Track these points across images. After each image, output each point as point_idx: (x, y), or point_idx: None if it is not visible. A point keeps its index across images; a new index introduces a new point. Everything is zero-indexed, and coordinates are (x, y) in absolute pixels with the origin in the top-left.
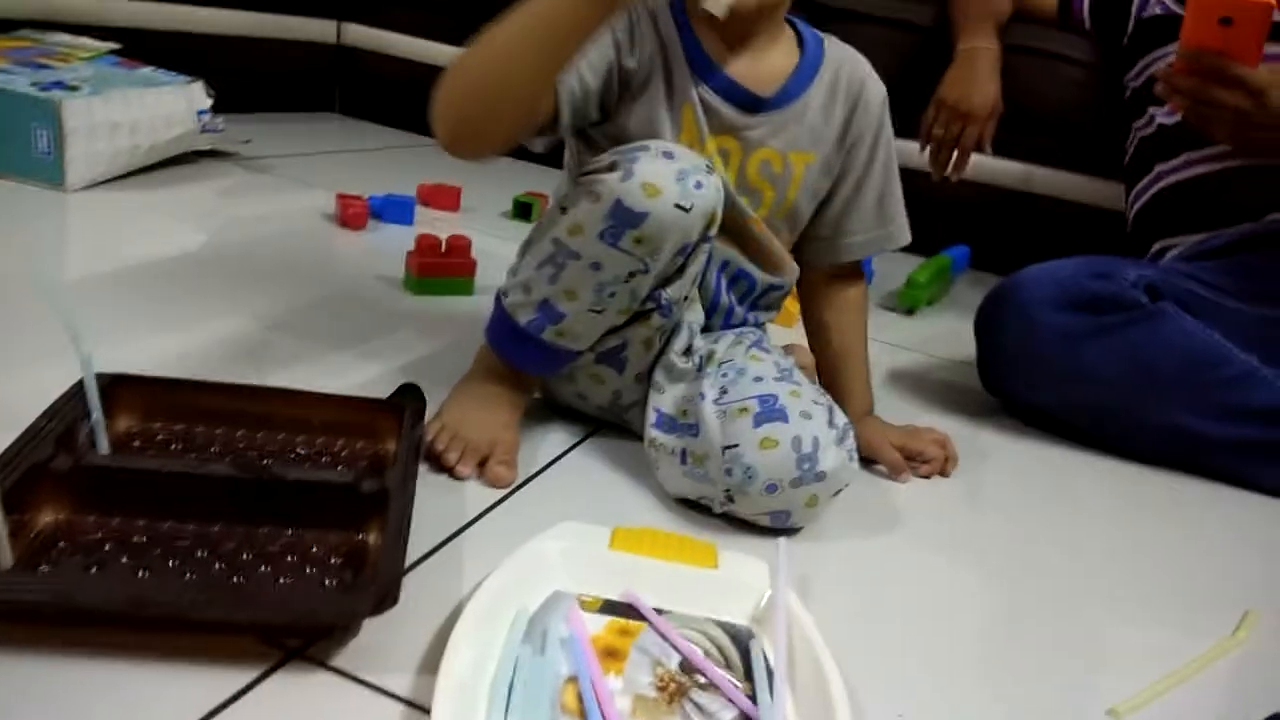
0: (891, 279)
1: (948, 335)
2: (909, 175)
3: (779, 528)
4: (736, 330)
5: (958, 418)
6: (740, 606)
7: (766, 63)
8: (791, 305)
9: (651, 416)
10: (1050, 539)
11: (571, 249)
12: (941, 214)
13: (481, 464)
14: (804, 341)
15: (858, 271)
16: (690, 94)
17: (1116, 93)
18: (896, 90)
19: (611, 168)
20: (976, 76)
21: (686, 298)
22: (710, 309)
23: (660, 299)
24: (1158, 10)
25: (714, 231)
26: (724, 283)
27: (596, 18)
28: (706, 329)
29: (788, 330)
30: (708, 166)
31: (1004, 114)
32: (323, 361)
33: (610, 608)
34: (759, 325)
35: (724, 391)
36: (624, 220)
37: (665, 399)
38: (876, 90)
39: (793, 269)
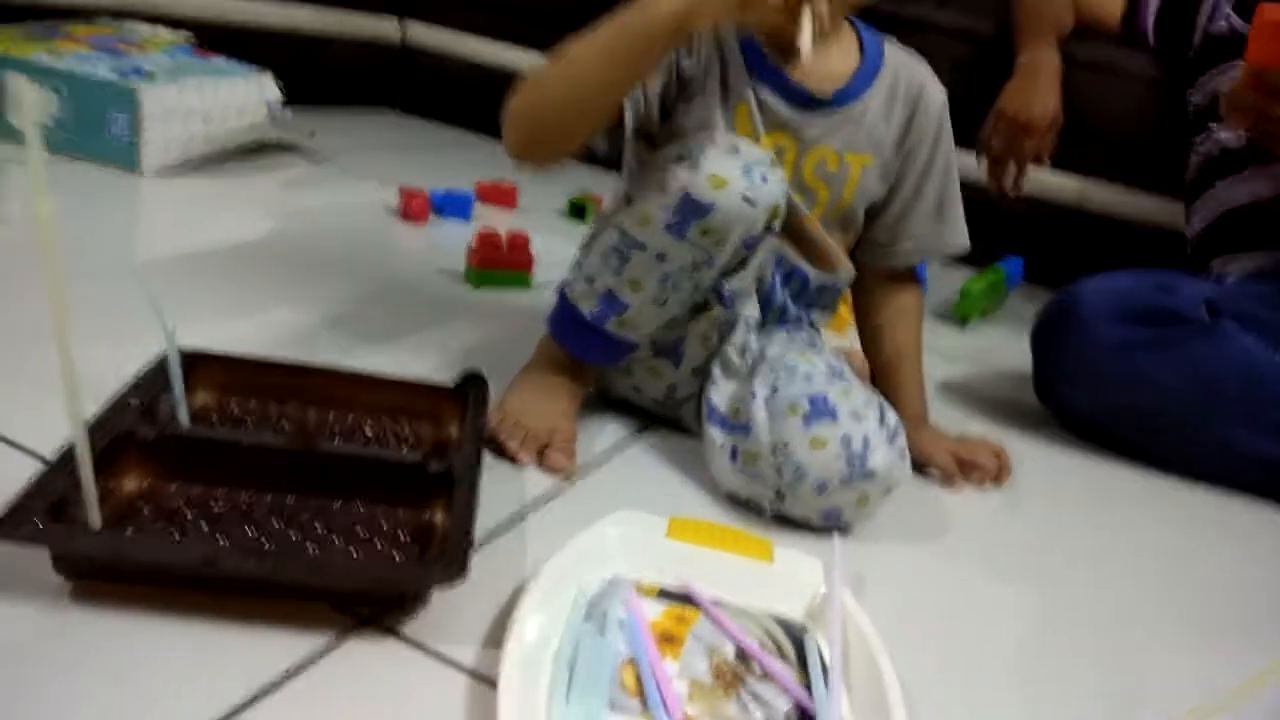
0: (945, 289)
1: (1001, 347)
2: (965, 186)
3: (831, 526)
4: (790, 330)
5: (1010, 429)
6: (794, 602)
7: (825, 63)
8: (845, 311)
9: (705, 410)
10: (1100, 554)
11: (638, 240)
12: (997, 226)
13: (541, 452)
14: (857, 346)
15: (914, 277)
16: (745, 92)
17: (1178, 109)
18: (956, 101)
19: (679, 159)
20: (1037, 89)
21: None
22: (765, 305)
23: (722, 290)
24: (1224, 25)
25: (778, 225)
26: (778, 280)
27: (672, 40)
28: (761, 326)
29: (839, 337)
30: (772, 160)
31: (1063, 127)
32: (385, 349)
33: (666, 595)
34: (812, 325)
35: (775, 390)
36: (691, 211)
37: (719, 394)
38: (936, 94)
39: (847, 269)
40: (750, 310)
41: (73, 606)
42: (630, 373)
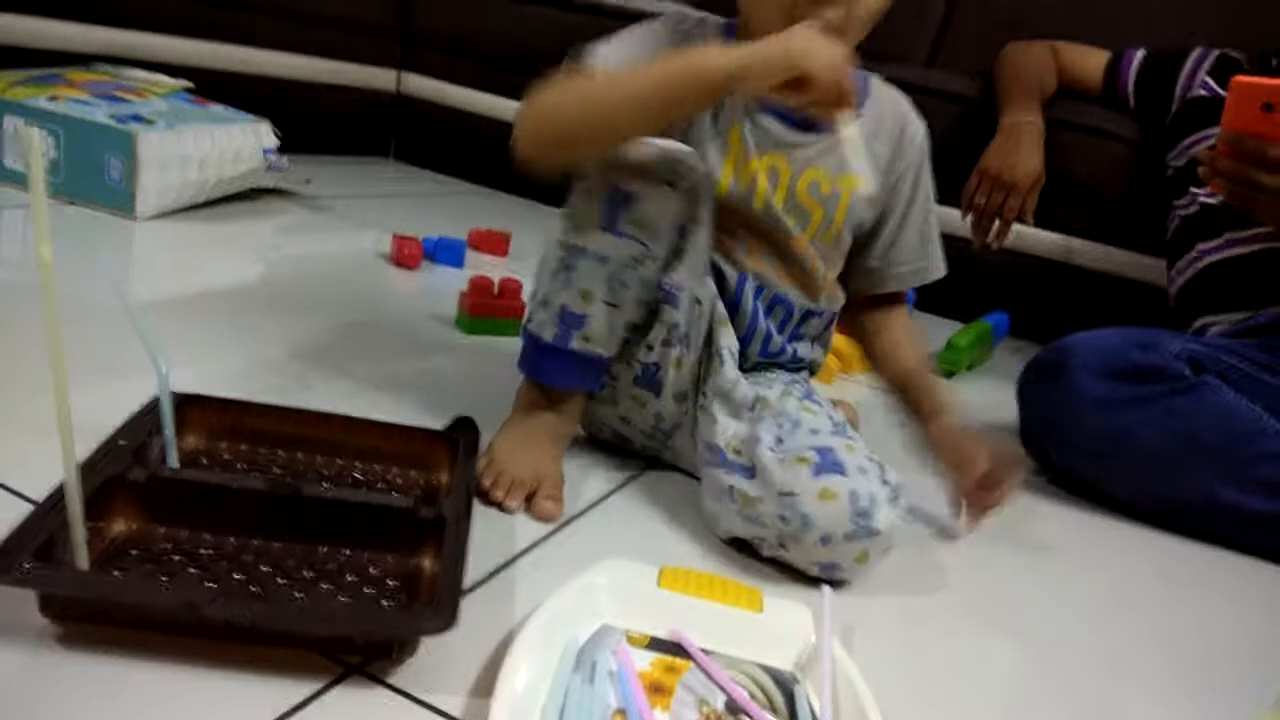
0: (931, 342)
1: (988, 400)
2: (951, 241)
3: (828, 578)
4: (784, 380)
5: None
6: (784, 652)
7: None
8: (831, 361)
9: (702, 448)
10: (1087, 606)
11: (579, 246)
12: (982, 281)
13: (528, 499)
14: (843, 396)
15: (900, 297)
16: (739, 113)
17: (1157, 170)
18: (940, 159)
19: (605, 161)
20: (1020, 148)
21: (707, 311)
22: (747, 336)
23: (665, 286)
24: (1202, 92)
25: (707, 212)
26: (760, 308)
27: (716, 95)
28: (744, 356)
29: (825, 386)
30: (691, 150)
31: (1045, 186)
32: (377, 394)
33: (657, 644)
34: (799, 360)
35: (780, 441)
36: (618, 204)
37: (721, 434)
38: (918, 127)
39: (832, 297)
40: (728, 340)
41: (60, 649)
42: (616, 402)
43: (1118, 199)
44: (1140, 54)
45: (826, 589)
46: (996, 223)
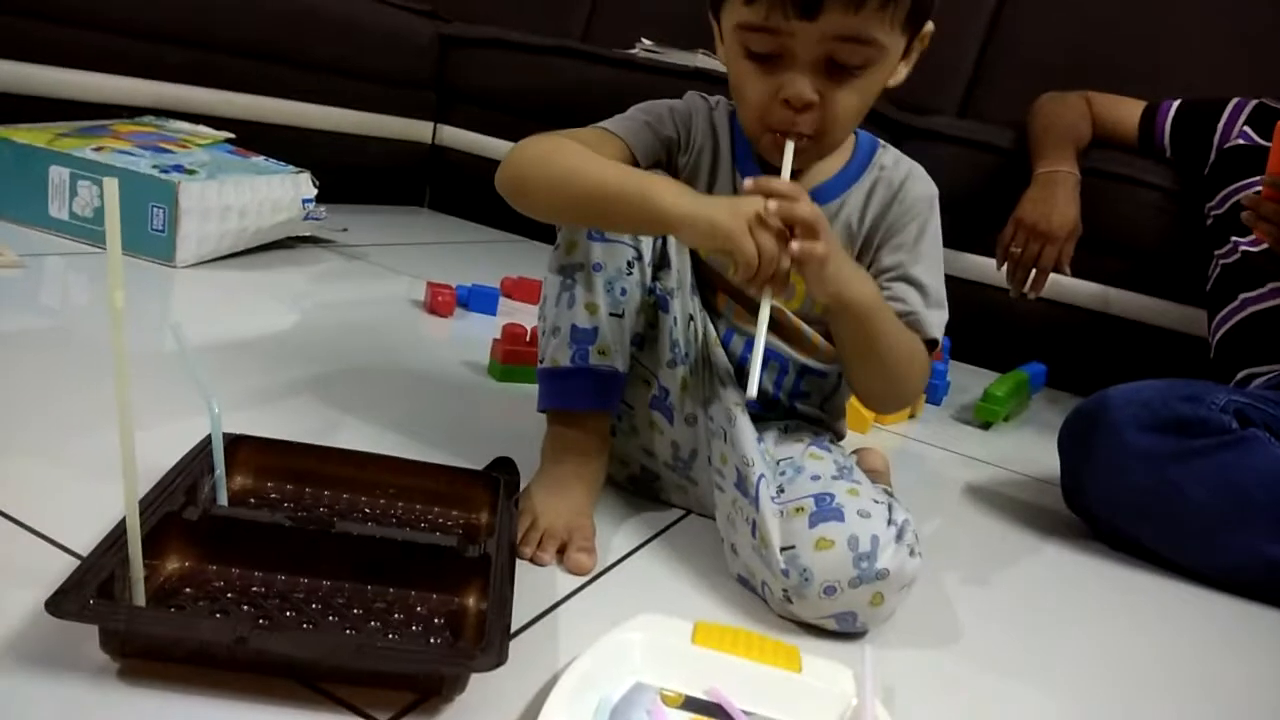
0: (968, 393)
1: (1026, 452)
2: (986, 291)
3: (848, 631)
4: (794, 429)
5: (1039, 536)
6: (825, 714)
7: (811, 165)
8: (864, 411)
9: (713, 471)
10: (1132, 670)
11: (573, 263)
12: (1018, 331)
13: (561, 551)
14: (876, 444)
15: None
16: (726, 185)
17: (1195, 219)
18: (973, 208)
19: None
20: (1055, 199)
21: (700, 329)
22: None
23: (659, 292)
24: (1241, 141)
25: None
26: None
27: (661, 231)
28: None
29: (861, 436)
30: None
31: (1082, 235)
32: (411, 439)
33: (692, 704)
34: (810, 420)
35: (781, 490)
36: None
37: (725, 455)
38: (920, 189)
39: (828, 350)
40: (724, 362)
41: (119, 685)
42: (636, 432)
43: (1155, 248)
44: (1176, 104)
45: (868, 649)
46: (1033, 272)
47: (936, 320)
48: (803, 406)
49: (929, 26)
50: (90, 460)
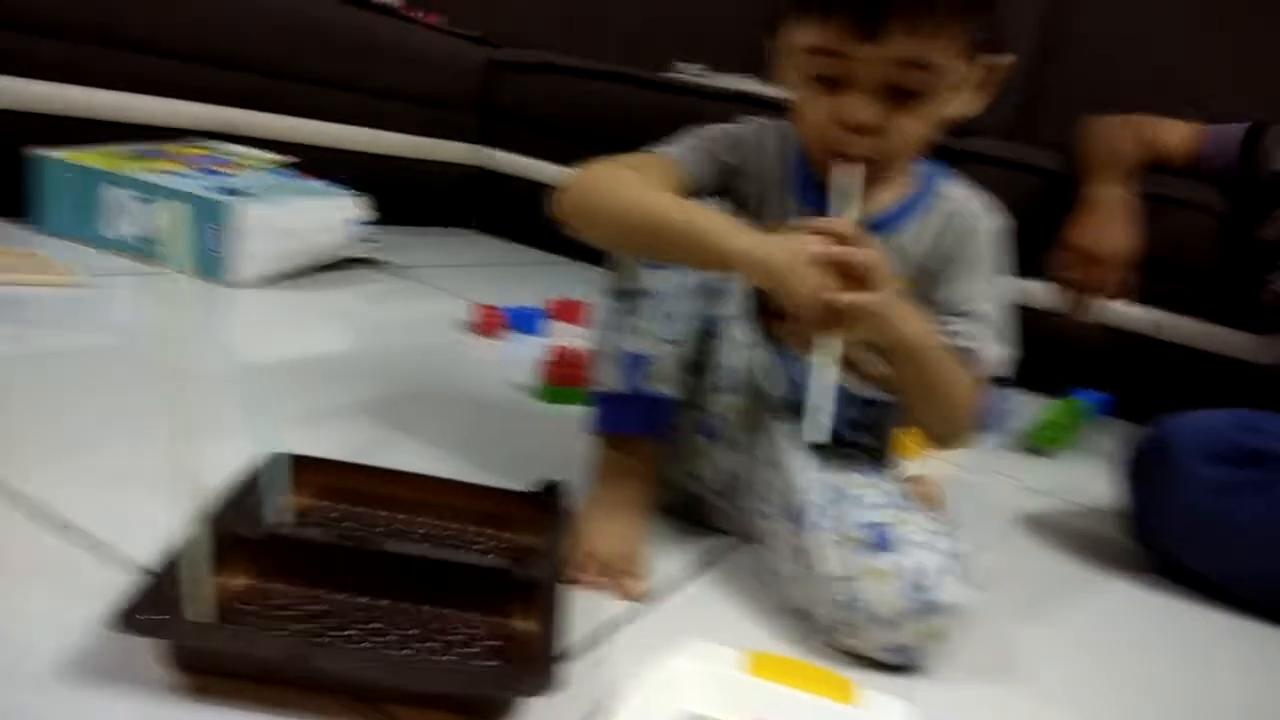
0: (1022, 419)
1: (1082, 480)
2: (1039, 316)
3: (902, 664)
4: (848, 457)
5: (1098, 568)
6: None
7: (871, 195)
8: (916, 437)
9: (758, 500)
10: (1191, 705)
11: (628, 289)
12: (1073, 357)
13: (610, 575)
14: (930, 473)
15: None
16: (784, 211)
17: (1248, 243)
18: (1024, 232)
19: None
20: (1106, 222)
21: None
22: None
23: (711, 319)
24: None
25: None
26: (814, 385)
27: (724, 269)
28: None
29: (914, 463)
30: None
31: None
32: (458, 460)
33: None
34: (863, 448)
35: (833, 520)
36: None
37: (772, 487)
38: (984, 222)
39: (892, 387)
40: (776, 390)
41: (179, 701)
42: (683, 456)
43: (1207, 272)
44: (1229, 127)
45: (923, 683)
46: (1090, 300)
47: (998, 356)
48: (856, 436)
49: (1007, 58)
50: (153, 476)
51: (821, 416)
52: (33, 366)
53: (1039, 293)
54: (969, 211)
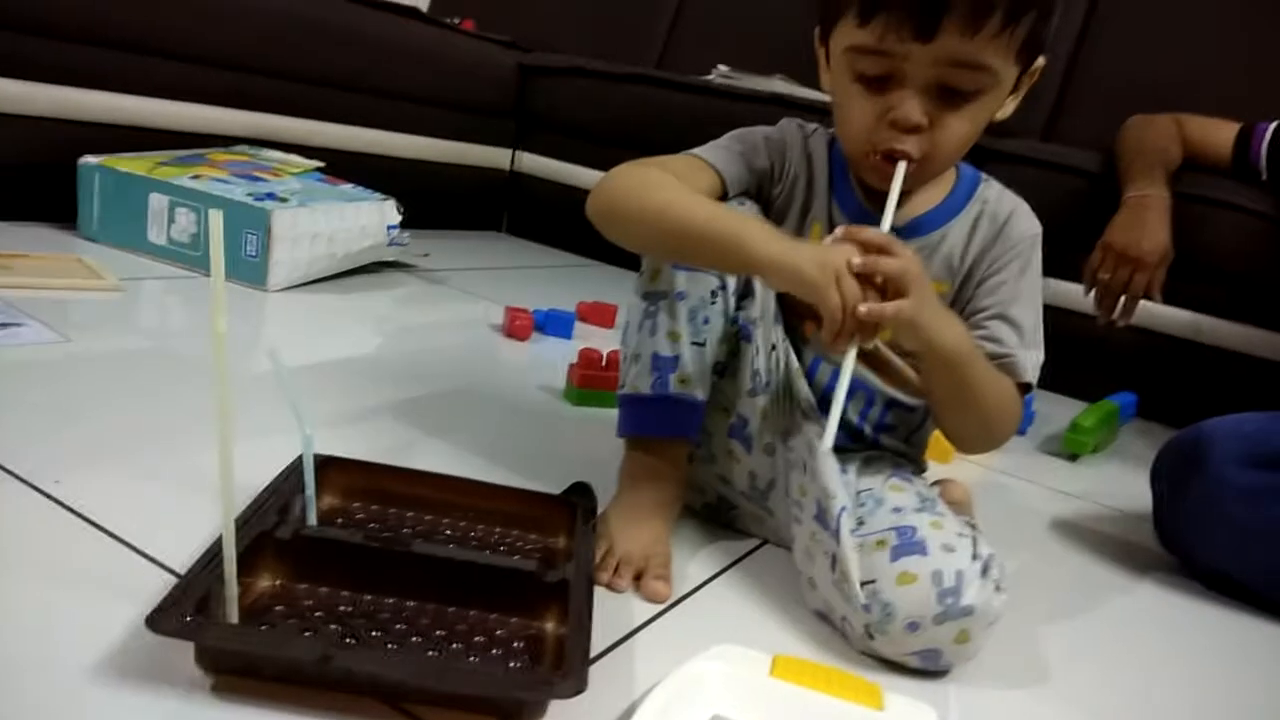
0: (1054, 423)
1: (1115, 485)
2: (1073, 318)
3: (931, 669)
4: (876, 460)
5: (1130, 573)
6: None
7: (913, 197)
8: (947, 441)
9: (790, 503)
10: (1224, 713)
11: (658, 291)
12: (1107, 360)
13: (637, 578)
14: (959, 476)
15: None
16: (821, 213)
17: None
18: (1059, 233)
19: None
20: (1146, 223)
21: (781, 358)
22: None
23: (741, 323)
24: None
25: None
26: (841, 392)
27: (751, 274)
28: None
29: (944, 466)
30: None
31: (1173, 261)
32: (487, 461)
33: None
34: (893, 453)
35: (861, 522)
36: None
37: (803, 489)
38: (1022, 227)
39: (921, 392)
40: (807, 393)
41: (211, 700)
42: (714, 460)
43: (1249, 275)
44: (1272, 125)
45: (952, 688)
46: (1122, 299)
47: (1032, 363)
48: (887, 440)
49: (1040, 61)
50: (186, 478)
51: (845, 409)
52: (76, 369)
53: (1074, 295)
54: (1007, 213)
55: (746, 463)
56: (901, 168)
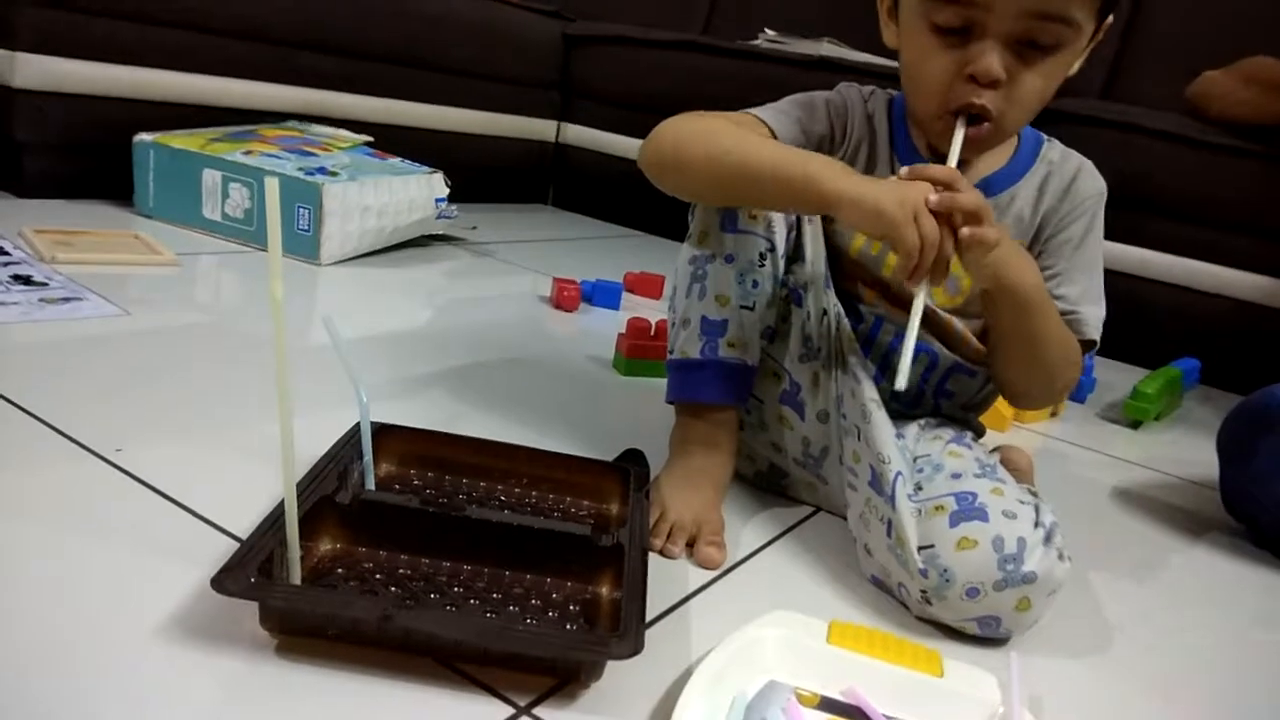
0: (1116, 390)
1: (1179, 452)
2: (1135, 283)
3: (991, 636)
4: (934, 425)
5: (1195, 542)
6: None
7: (982, 156)
8: (1004, 408)
9: (845, 470)
10: None
11: (706, 254)
12: (1169, 325)
13: (690, 544)
14: (1019, 444)
15: None
16: (886, 175)
17: None
18: (1123, 197)
19: None
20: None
21: (833, 323)
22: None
23: (791, 286)
24: None
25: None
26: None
27: (823, 210)
28: (893, 403)
29: (1001, 434)
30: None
31: (1243, 223)
32: (538, 431)
33: (829, 705)
34: (952, 419)
35: (919, 488)
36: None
37: (859, 454)
38: (1089, 185)
39: (983, 358)
40: (860, 360)
41: (276, 659)
42: (765, 427)
43: None
44: None
45: (1014, 654)
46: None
47: (1095, 319)
48: (946, 406)
49: (1109, 18)
50: (243, 446)
51: (908, 362)
52: (135, 341)
53: (1137, 259)
54: (1073, 171)
55: (799, 429)
56: (962, 123)
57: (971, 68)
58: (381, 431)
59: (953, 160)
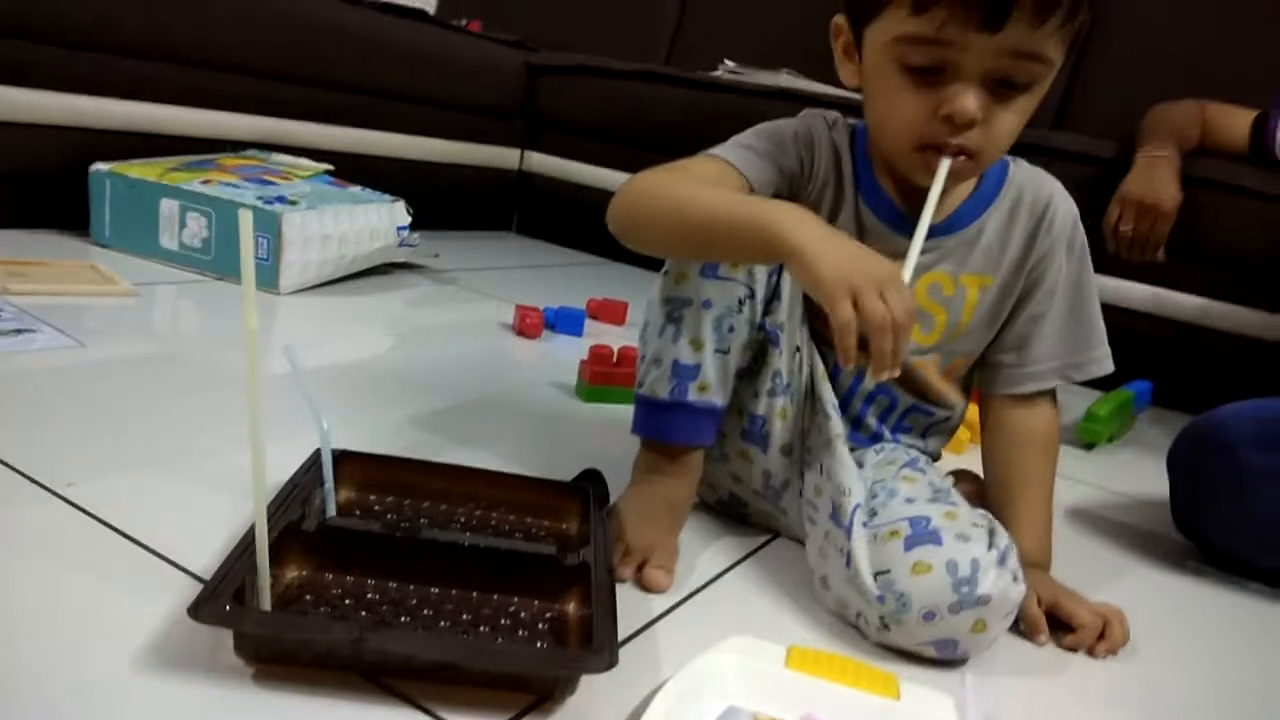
0: (1070, 412)
1: (1131, 472)
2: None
3: (949, 658)
4: (889, 450)
5: (1148, 561)
6: None
7: (951, 193)
8: (962, 432)
9: (804, 503)
10: (1247, 701)
11: (682, 297)
12: (1122, 348)
13: (640, 569)
14: (975, 467)
15: (1048, 403)
16: (849, 214)
17: None
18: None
19: None
20: (1160, 176)
21: (806, 359)
22: (853, 423)
23: (768, 328)
24: None
25: None
26: (857, 395)
27: (780, 260)
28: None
29: (957, 456)
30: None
31: (1190, 248)
32: (502, 456)
33: None
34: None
35: (874, 514)
36: None
37: (819, 488)
38: (1064, 208)
39: (949, 401)
40: (829, 394)
41: (253, 688)
42: (727, 459)
43: (1264, 261)
44: None
45: (969, 676)
46: (1144, 248)
47: (1105, 352)
48: (905, 438)
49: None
50: (202, 476)
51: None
52: (90, 374)
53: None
54: (1046, 199)
55: (761, 463)
56: (945, 163)
57: (947, 109)
58: (341, 458)
59: (932, 201)
